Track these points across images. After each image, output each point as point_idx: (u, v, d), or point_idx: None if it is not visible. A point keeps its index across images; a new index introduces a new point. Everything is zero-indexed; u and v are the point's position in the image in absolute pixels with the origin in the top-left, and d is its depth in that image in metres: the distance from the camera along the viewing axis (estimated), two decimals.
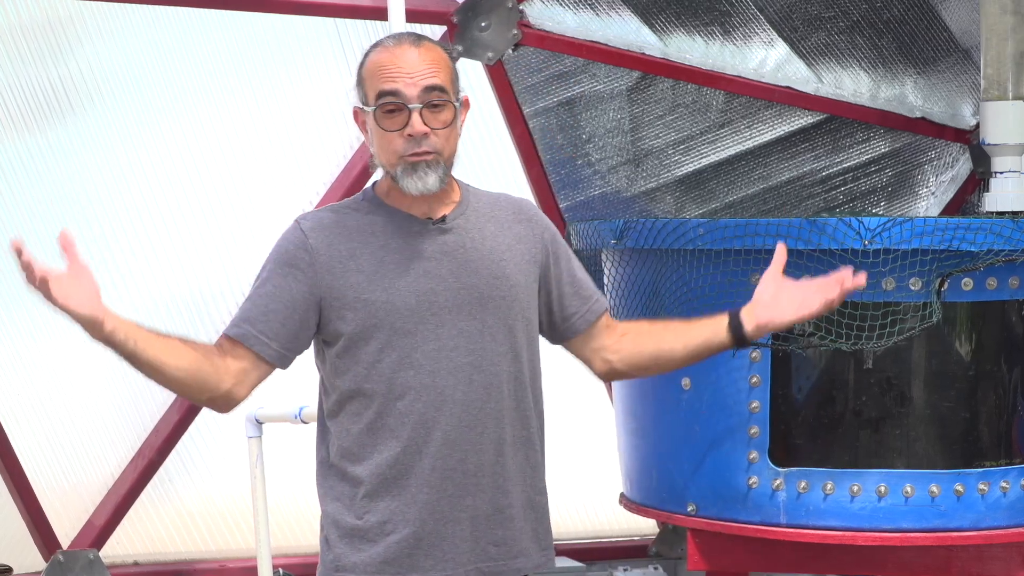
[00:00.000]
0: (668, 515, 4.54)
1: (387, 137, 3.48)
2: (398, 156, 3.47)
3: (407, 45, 3.51)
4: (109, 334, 3.41)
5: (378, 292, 3.47)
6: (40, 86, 5.63)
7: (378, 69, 3.50)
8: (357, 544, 3.51)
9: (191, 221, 5.88)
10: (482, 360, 3.53)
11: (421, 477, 3.49)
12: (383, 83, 3.47)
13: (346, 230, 3.53)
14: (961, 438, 4.37)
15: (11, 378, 5.85)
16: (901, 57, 6.22)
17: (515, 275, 3.61)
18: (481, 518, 3.54)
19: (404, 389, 3.47)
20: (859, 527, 4.26)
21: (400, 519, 3.49)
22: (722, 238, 4.23)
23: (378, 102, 3.47)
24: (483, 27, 5.76)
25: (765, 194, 6.33)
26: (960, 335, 4.40)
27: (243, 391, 3.52)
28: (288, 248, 3.53)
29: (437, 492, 3.50)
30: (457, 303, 3.51)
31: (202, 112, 5.81)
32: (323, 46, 5.84)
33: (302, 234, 3.52)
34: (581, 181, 6.13)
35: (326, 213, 3.59)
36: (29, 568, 5.95)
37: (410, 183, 3.48)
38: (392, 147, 3.48)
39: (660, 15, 5.95)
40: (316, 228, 3.53)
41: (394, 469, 3.48)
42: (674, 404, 4.39)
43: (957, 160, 6.40)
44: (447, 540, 3.51)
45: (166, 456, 6.03)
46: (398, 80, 3.46)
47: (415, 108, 3.45)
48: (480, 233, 3.59)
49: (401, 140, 3.46)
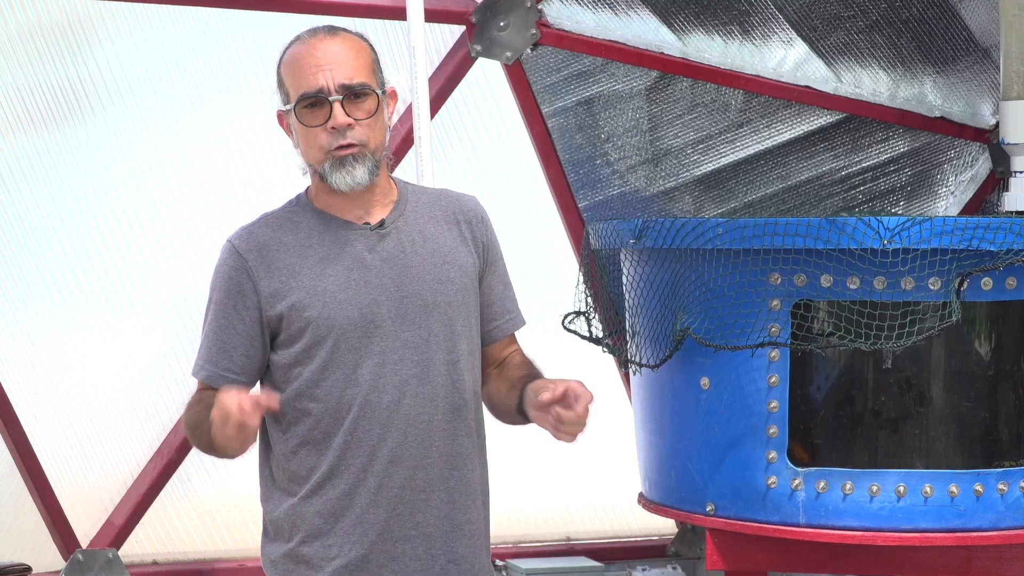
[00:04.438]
0: (687, 515, 4.53)
1: (311, 133, 3.38)
2: (324, 152, 3.38)
3: (322, 36, 3.44)
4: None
5: (319, 308, 3.37)
6: (60, 86, 5.64)
7: (295, 65, 3.42)
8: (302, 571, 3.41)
9: (209, 220, 5.88)
10: (427, 371, 3.42)
11: (367, 497, 3.38)
12: (301, 78, 3.39)
13: (282, 245, 3.43)
14: (980, 438, 4.36)
15: (31, 377, 5.86)
16: (920, 56, 6.21)
17: (459, 279, 3.49)
18: (436, 536, 3.43)
19: (348, 407, 3.37)
20: (878, 527, 4.25)
21: (345, 541, 3.38)
22: (741, 238, 4.22)
23: (298, 99, 3.39)
24: (502, 27, 5.76)
25: (784, 193, 6.32)
26: (979, 335, 4.39)
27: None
28: (230, 275, 3.43)
29: (385, 511, 3.39)
30: (400, 313, 3.40)
31: (221, 112, 5.82)
32: None
33: (240, 257, 3.43)
34: (600, 181, 6.12)
35: (259, 229, 3.47)
36: (48, 567, 5.97)
37: (338, 178, 3.37)
38: (317, 143, 3.38)
39: (679, 14, 5.95)
40: (253, 249, 3.43)
41: (338, 489, 3.38)
42: (693, 404, 4.39)
43: (976, 159, 6.39)
44: (397, 560, 3.40)
45: (185, 455, 6.04)
46: (316, 74, 3.37)
47: (335, 100, 3.36)
48: (421, 235, 3.47)
49: (325, 135, 3.37)
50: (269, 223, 3.49)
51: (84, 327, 5.88)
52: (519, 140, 6.07)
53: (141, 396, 6.01)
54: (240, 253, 3.44)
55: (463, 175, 6.08)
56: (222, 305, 3.44)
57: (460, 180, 6.06)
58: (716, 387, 4.37)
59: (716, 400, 4.38)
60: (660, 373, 4.44)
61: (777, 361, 4.28)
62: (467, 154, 6.03)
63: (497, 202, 6.12)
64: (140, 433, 6.05)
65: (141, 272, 5.87)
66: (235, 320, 3.42)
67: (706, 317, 4.30)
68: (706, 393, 4.39)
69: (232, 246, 3.46)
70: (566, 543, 6.63)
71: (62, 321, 5.85)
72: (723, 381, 4.36)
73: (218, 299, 3.46)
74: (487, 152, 6.13)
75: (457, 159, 5.98)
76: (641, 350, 4.51)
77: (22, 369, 5.83)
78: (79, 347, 5.89)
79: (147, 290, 5.89)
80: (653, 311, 4.45)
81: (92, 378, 5.94)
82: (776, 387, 4.28)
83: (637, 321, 4.52)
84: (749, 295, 4.24)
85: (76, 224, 5.77)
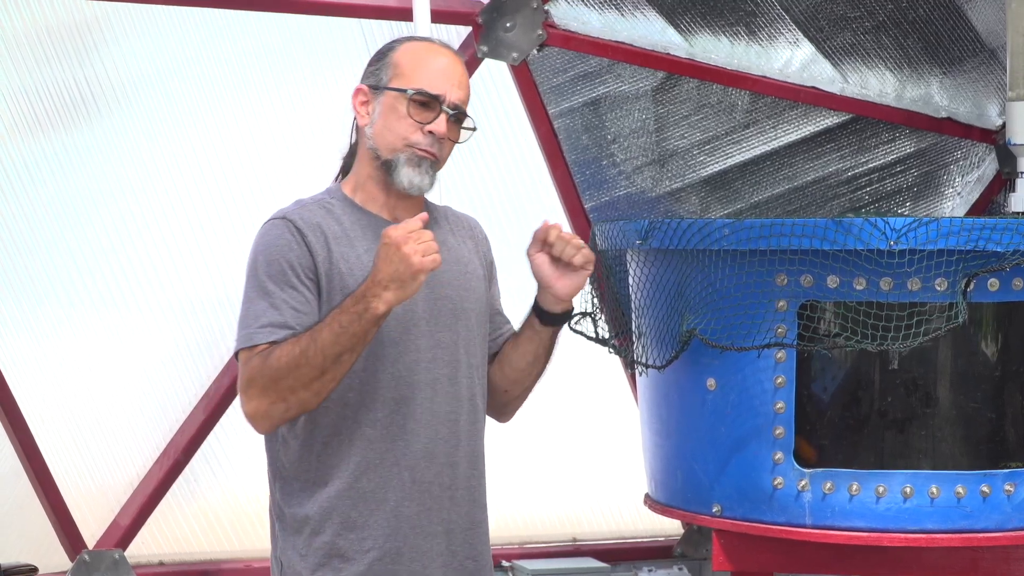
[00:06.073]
0: (693, 516, 4.53)
1: (406, 123, 3.45)
2: (406, 144, 3.45)
3: (451, 52, 3.55)
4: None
5: None
6: (66, 87, 5.65)
7: (422, 59, 3.50)
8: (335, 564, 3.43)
9: (216, 221, 5.89)
10: (456, 372, 3.50)
11: (401, 490, 3.42)
12: (427, 74, 3.47)
13: (331, 232, 3.46)
14: (987, 439, 4.35)
15: (37, 378, 5.87)
16: (927, 57, 6.21)
17: (477, 288, 3.60)
18: (457, 532, 3.50)
19: (385, 400, 3.41)
20: (884, 528, 4.25)
21: (380, 534, 3.42)
22: (747, 239, 4.21)
23: (415, 90, 3.45)
24: (508, 27, 5.76)
25: (790, 194, 6.32)
26: (986, 335, 4.38)
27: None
28: (291, 247, 3.41)
29: (417, 505, 3.44)
30: (434, 314, 3.47)
31: (227, 113, 5.83)
32: (348, 47, 5.85)
33: (300, 232, 3.43)
34: (606, 181, 6.12)
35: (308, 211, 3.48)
36: (55, 568, 5.97)
37: (408, 174, 3.45)
38: (404, 133, 3.45)
39: (685, 15, 5.95)
40: (310, 228, 3.44)
41: (373, 482, 3.41)
42: (699, 404, 4.38)
43: (983, 160, 6.39)
44: (426, 555, 3.45)
45: (192, 456, 6.05)
46: (443, 80, 3.47)
47: (446, 112, 3.46)
48: (445, 244, 3.55)
49: (419, 133, 3.45)
50: (311, 208, 3.50)
51: (91, 328, 5.88)
52: (525, 141, 6.07)
53: (147, 397, 6.02)
54: (300, 229, 3.43)
55: (469, 176, 6.09)
56: (286, 275, 3.39)
57: (466, 181, 6.07)
58: (722, 388, 4.37)
59: (722, 401, 4.37)
60: (666, 374, 4.43)
61: (783, 362, 4.28)
62: (473, 155, 6.03)
63: (503, 203, 6.13)
64: (146, 434, 6.06)
65: (148, 273, 5.87)
66: (302, 288, 3.39)
67: (712, 318, 4.30)
68: (712, 394, 4.39)
69: (290, 222, 3.44)
70: (572, 544, 6.63)
71: (69, 322, 5.86)
72: (729, 382, 4.36)
73: (278, 271, 3.39)
74: (493, 153, 6.13)
75: (463, 160, 5.98)
76: (647, 351, 4.51)
77: (29, 370, 5.84)
78: (85, 348, 5.90)
79: (154, 291, 5.89)
80: (659, 312, 4.45)
81: (98, 379, 5.95)
82: (782, 388, 4.28)
83: (643, 322, 4.52)
84: (755, 296, 4.24)
85: (83, 225, 5.78)
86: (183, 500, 6.17)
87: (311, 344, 3.28)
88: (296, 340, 3.31)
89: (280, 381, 3.31)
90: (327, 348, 3.27)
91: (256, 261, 3.43)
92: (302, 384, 3.30)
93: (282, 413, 3.35)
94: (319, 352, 3.27)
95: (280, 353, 3.31)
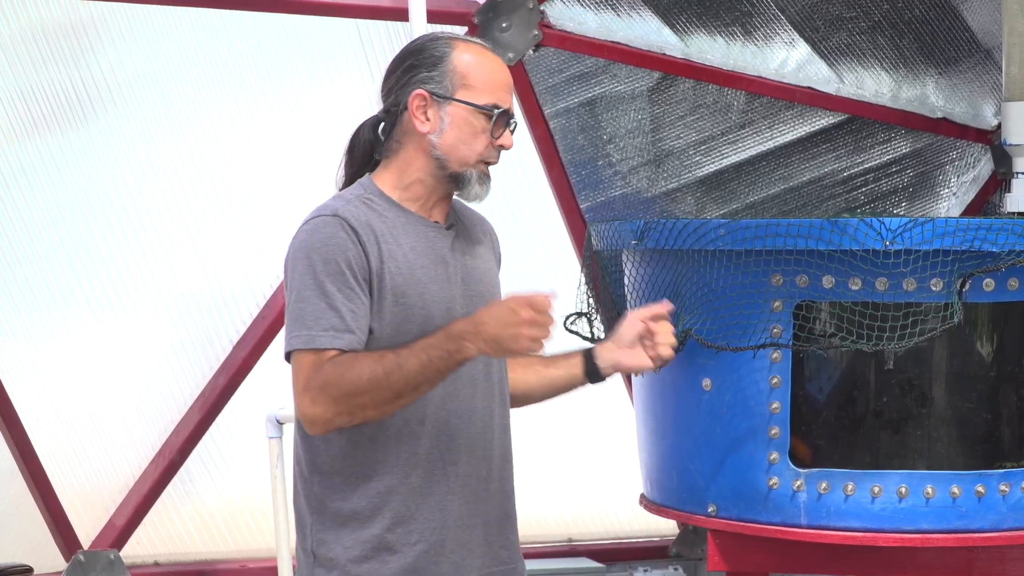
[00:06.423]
0: (688, 516, 4.53)
1: (481, 139, 3.48)
2: (479, 159, 3.49)
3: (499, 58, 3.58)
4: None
5: (415, 297, 3.43)
6: (62, 88, 5.64)
7: (491, 74, 3.52)
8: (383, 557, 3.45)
9: (212, 222, 5.89)
10: (490, 368, 3.55)
11: (445, 484, 3.47)
12: (498, 90, 3.51)
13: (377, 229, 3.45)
14: (982, 439, 4.35)
15: (32, 380, 5.87)
16: (923, 57, 6.21)
17: (498, 285, 3.68)
18: (492, 523, 3.55)
19: (431, 395, 3.43)
20: (880, 528, 4.25)
21: (426, 527, 3.46)
22: (743, 239, 4.21)
23: (491, 105, 3.48)
24: (504, 28, 5.76)
25: (786, 195, 6.33)
26: (981, 336, 4.38)
27: None
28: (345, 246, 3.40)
29: (459, 498, 3.49)
30: (469, 310, 3.48)
31: (223, 113, 5.83)
32: (344, 47, 5.85)
33: (352, 230, 3.41)
34: (602, 182, 6.13)
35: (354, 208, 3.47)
36: (50, 568, 5.97)
37: (479, 190, 3.50)
38: (478, 148, 3.48)
39: (681, 15, 5.95)
40: (360, 225, 3.43)
41: (420, 477, 3.45)
42: (695, 405, 4.38)
43: (979, 160, 6.39)
44: (465, 546, 3.50)
45: (187, 456, 6.05)
46: (507, 94, 3.52)
47: (512, 125, 3.53)
48: (470, 242, 3.61)
49: (490, 147, 3.49)
50: (357, 205, 3.49)
51: (86, 329, 5.88)
52: (521, 141, 6.06)
53: (143, 398, 6.02)
54: (353, 227, 3.42)
55: None
56: (344, 275, 3.39)
57: None
58: (718, 388, 4.37)
59: (718, 401, 4.37)
60: (662, 374, 4.43)
61: (779, 362, 4.28)
62: None
63: (499, 203, 6.12)
64: (142, 435, 6.06)
65: (143, 274, 5.87)
66: (358, 290, 3.40)
67: (708, 318, 4.30)
68: (708, 394, 4.39)
69: (343, 220, 3.43)
70: (568, 544, 6.63)
71: (64, 323, 5.86)
72: (725, 382, 4.35)
73: (336, 270, 3.39)
74: None
75: None
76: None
77: (24, 371, 5.84)
78: (81, 349, 5.90)
79: (149, 292, 5.89)
80: None
81: (94, 380, 5.95)
82: (778, 388, 4.28)
83: None
84: (751, 296, 4.24)
85: (78, 227, 5.78)
86: (178, 501, 6.18)
87: (396, 369, 3.33)
88: (380, 359, 3.34)
89: (355, 396, 3.34)
90: (411, 377, 3.32)
91: (311, 259, 3.41)
92: (375, 404, 3.34)
93: (343, 423, 3.39)
94: (403, 379, 3.32)
95: (361, 369, 3.33)
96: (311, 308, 3.38)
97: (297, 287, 3.40)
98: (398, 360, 3.32)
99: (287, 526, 5.56)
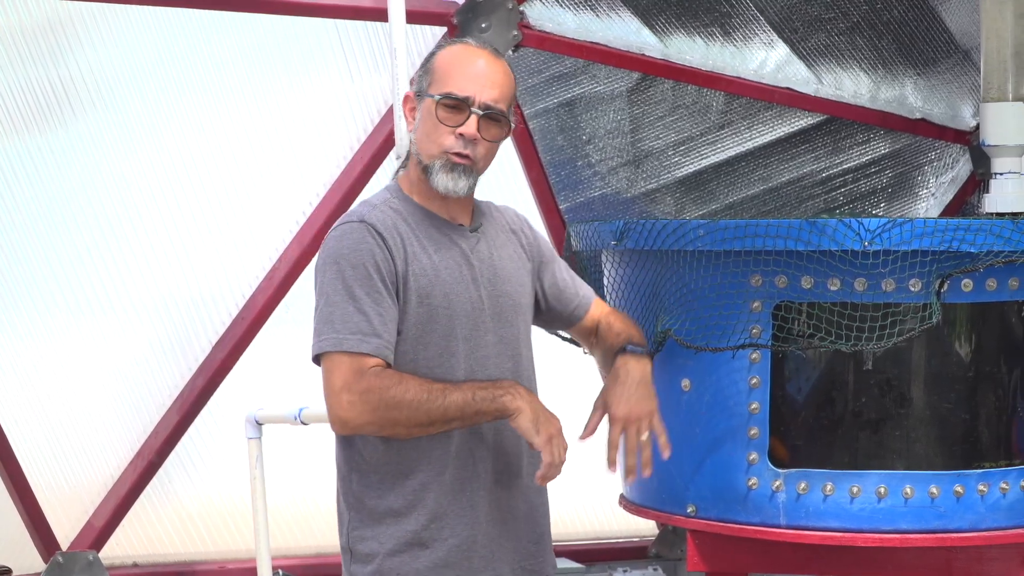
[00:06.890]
0: (668, 516, 4.54)
1: (440, 129, 3.52)
2: (442, 150, 3.53)
3: (489, 53, 3.60)
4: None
5: (440, 298, 3.51)
6: (41, 88, 5.62)
7: (455, 63, 3.56)
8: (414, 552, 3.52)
9: (191, 222, 5.87)
10: (518, 367, 3.63)
11: (477, 480, 3.55)
12: (456, 78, 3.54)
13: (402, 232, 3.54)
14: (961, 439, 4.36)
15: (10, 380, 5.85)
16: (901, 58, 6.22)
17: (528, 283, 3.73)
18: (521, 518, 3.63)
19: None
20: (859, 528, 4.26)
21: (459, 522, 3.53)
22: (722, 239, 4.22)
23: (443, 94, 3.52)
24: (483, 28, 5.75)
25: (765, 195, 6.33)
26: (960, 336, 4.40)
27: None
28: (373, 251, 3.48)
29: (490, 494, 3.57)
30: (496, 311, 3.59)
31: (203, 113, 5.81)
32: (324, 47, 5.84)
33: (379, 236, 3.50)
34: (581, 182, 6.13)
35: (381, 213, 3.56)
36: (28, 569, 5.95)
37: (443, 180, 3.53)
38: (439, 139, 3.53)
39: (660, 16, 5.95)
40: (387, 230, 3.51)
41: (453, 474, 3.53)
42: (674, 405, 4.39)
43: (957, 161, 6.40)
44: (495, 540, 3.58)
45: (166, 457, 6.03)
46: (471, 82, 3.53)
47: (475, 113, 3.53)
48: (496, 241, 3.68)
49: (452, 137, 3.52)
50: (383, 210, 3.57)
51: (64, 329, 5.86)
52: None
53: (122, 399, 6.00)
54: (379, 232, 3.51)
55: None
56: (372, 280, 3.47)
57: None
58: (697, 389, 4.38)
59: (697, 402, 4.38)
60: None
61: (758, 363, 4.29)
62: None
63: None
64: (120, 436, 6.04)
65: (122, 274, 5.85)
66: (385, 295, 3.47)
67: (687, 319, 4.31)
68: (687, 395, 4.39)
69: (370, 226, 3.51)
70: None
71: (42, 324, 5.84)
72: (704, 383, 4.36)
73: (364, 275, 3.47)
74: None
75: None
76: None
77: (1, 372, 5.82)
78: (59, 350, 5.88)
79: (128, 292, 5.87)
80: (634, 313, 4.45)
81: (72, 381, 5.93)
82: (757, 388, 4.29)
83: None
84: (730, 297, 4.25)
85: (56, 227, 5.76)
86: (157, 501, 6.16)
87: (440, 396, 3.42)
88: (427, 384, 3.43)
89: (394, 411, 3.42)
90: (450, 409, 3.42)
91: (339, 264, 3.48)
92: (408, 423, 3.43)
93: (371, 432, 3.48)
94: (442, 407, 3.42)
95: (407, 387, 3.42)
96: (339, 312, 3.46)
97: (326, 292, 3.49)
98: (444, 390, 3.43)
99: (266, 527, 5.55)
